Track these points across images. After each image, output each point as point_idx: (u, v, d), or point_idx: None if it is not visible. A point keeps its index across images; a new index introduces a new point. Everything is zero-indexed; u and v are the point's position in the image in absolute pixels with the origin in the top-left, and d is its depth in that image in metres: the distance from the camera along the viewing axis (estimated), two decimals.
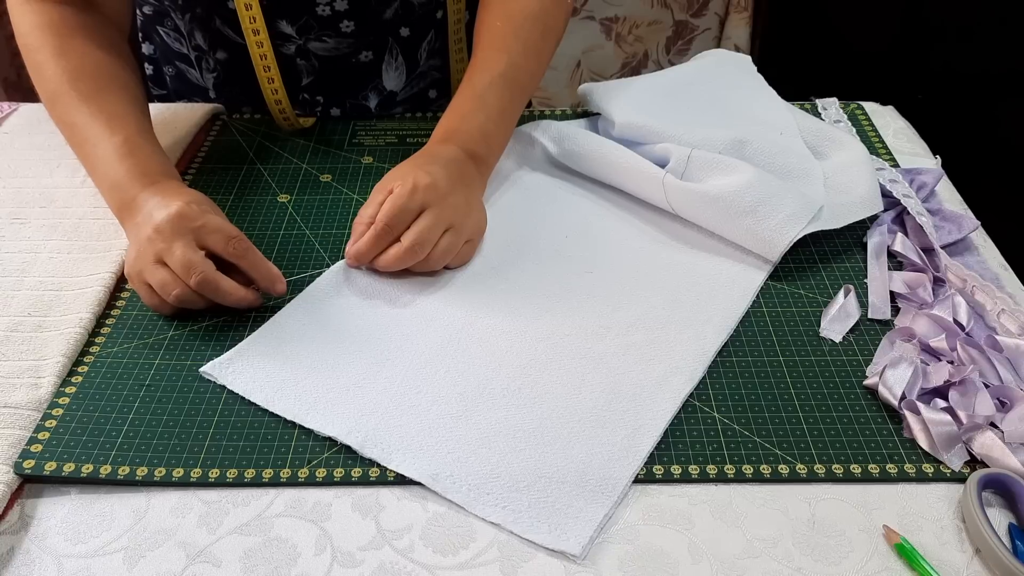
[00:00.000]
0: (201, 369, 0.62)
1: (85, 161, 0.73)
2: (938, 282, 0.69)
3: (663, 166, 0.76)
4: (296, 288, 0.70)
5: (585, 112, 0.90)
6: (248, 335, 0.65)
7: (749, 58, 0.92)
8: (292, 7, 0.84)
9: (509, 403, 0.60)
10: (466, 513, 0.54)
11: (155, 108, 0.92)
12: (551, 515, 0.53)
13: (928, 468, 0.56)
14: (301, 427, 0.59)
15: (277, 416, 0.60)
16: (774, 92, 0.87)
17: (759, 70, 0.91)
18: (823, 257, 0.73)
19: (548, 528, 0.52)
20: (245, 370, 0.62)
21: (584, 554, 0.51)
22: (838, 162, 0.78)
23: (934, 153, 0.86)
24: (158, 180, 0.70)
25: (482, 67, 0.77)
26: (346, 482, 0.56)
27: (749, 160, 0.76)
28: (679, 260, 0.72)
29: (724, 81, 0.88)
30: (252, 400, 0.60)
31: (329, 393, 0.60)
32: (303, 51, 0.88)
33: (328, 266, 0.72)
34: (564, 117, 0.90)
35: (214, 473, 0.56)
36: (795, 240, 0.69)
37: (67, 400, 0.61)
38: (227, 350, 0.64)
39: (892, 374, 0.60)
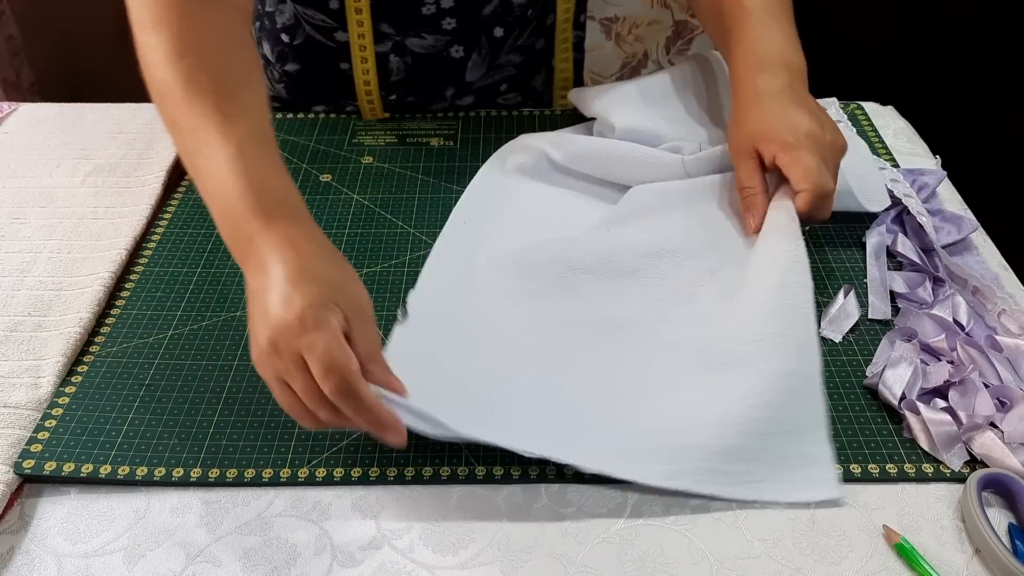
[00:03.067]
0: None
1: (195, 174, 0.60)
2: (938, 282, 0.69)
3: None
4: None
5: (578, 116, 0.90)
6: None
7: None
8: (397, 7, 0.84)
9: (672, 386, 0.60)
10: (466, 513, 0.54)
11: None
12: (784, 472, 0.54)
13: (928, 468, 0.56)
14: (301, 427, 0.59)
15: (277, 416, 0.59)
16: None
17: None
18: (823, 257, 0.73)
19: (799, 485, 0.54)
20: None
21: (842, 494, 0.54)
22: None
23: (934, 153, 0.86)
24: (280, 219, 0.56)
25: (742, 17, 0.75)
26: (346, 482, 0.56)
27: None
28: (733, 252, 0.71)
29: (721, 83, 0.88)
30: (422, 431, 0.54)
31: (519, 413, 0.58)
32: (399, 47, 0.87)
33: None
34: (558, 117, 0.90)
35: (214, 473, 0.56)
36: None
37: (67, 400, 0.61)
38: (227, 350, 0.64)
39: (892, 374, 0.60)
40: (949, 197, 0.79)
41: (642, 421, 0.58)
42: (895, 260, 0.72)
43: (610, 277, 0.69)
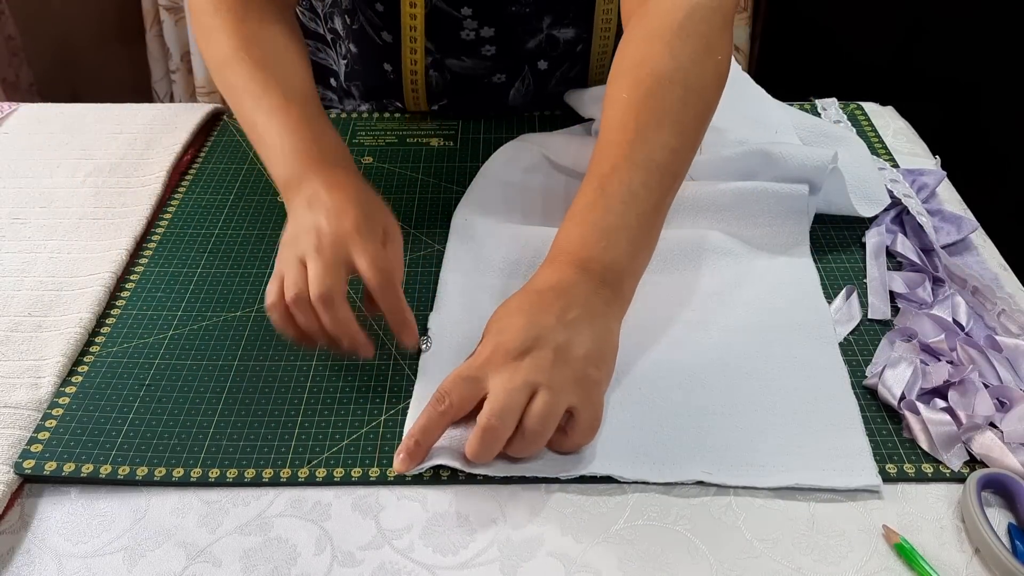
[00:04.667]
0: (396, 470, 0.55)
1: (251, 130, 0.69)
2: (937, 282, 0.69)
3: None
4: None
5: (578, 116, 0.90)
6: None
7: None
8: (437, 28, 0.83)
9: (704, 383, 0.61)
10: (466, 513, 0.54)
11: (155, 108, 0.93)
12: (826, 462, 0.56)
13: (927, 468, 0.56)
14: (301, 427, 0.59)
15: (277, 416, 0.60)
16: (763, 90, 0.87)
17: (759, 70, 0.91)
18: (823, 257, 0.73)
19: (837, 473, 0.55)
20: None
21: (879, 484, 0.54)
22: (840, 159, 0.78)
23: (933, 153, 0.86)
24: (328, 165, 0.65)
25: (603, 151, 0.63)
26: (346, 482, 0.56)
27: None
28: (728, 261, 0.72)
29: None
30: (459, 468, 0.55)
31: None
32: (439, 64, 0.87)
33: None
34: (558, 117, 0.90)
35: (214, 473, 0.56)
36: (834, 164, 0.72)
37: (67, 400, 0.61)
38: (227, 350, 0.64)
39: (892, 374, 0.60)
40: (949, 197, 0.79)
41: (669, 424, 0.59)
42: (895, 260, 0.72)
43: None
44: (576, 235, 0.61)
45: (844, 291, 0.68)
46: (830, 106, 0.91)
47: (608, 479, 0.55)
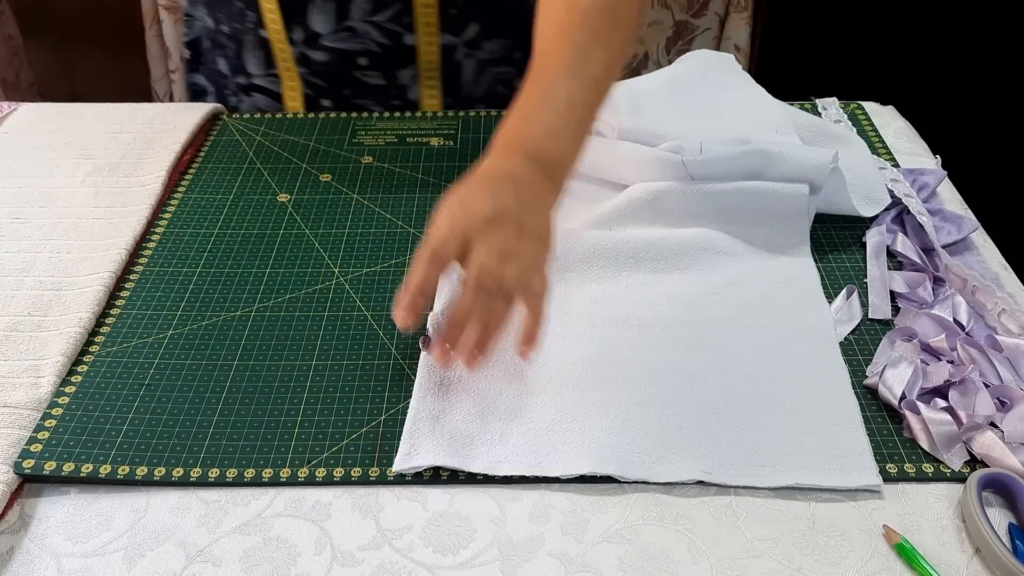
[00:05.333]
0: (395, 469, 0.56)
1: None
2: (938, 282, 0.69)
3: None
4: (297, 285, 0.70)
5: None
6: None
7: (732, 56, 0.91)
8: None
9: (704, 383, 0.61)
10: (466, 513, 0.54)
11: (155, 108, 0.93)
12: (827, 461, 0.55)
13: (928, 468, 0.56)
14: (301, 427, 0.59)
15: (277, 416, 0.60)
16: (763, 89, 0.87)
17: (759, 70, 0.91)
18: (823, 257, 0.73)
19: (838, 472, 0.55)
20: (431, 446, 0.57)
21: (880, 483, 0.54)
22: (840, 159, 0.78)
23: (934, 153, 0.86)
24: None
25: (545, 62, 0.68)
26: (346, 482, 0.56)
27: None
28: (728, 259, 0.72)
29: (714, 82, 0.88)
30: (452, 467, 0.56)
31: (554, 434, 0.58)
32: None
33: (328, 266, 0.72)
34: None
35: (214, 473, 0.56)
36: (834, 164, 0.72)
37: (67, 400, 0.61)
38: (227, 350, 0.64)
39: (892, 374, 0.60)
40: (949, 197, 0.79)
41: (670, 424, 0.58)
42: (895, 260, 0.72)
43: (617, 274, 0.70)
44: (525, 130, 0.65)
45: (844, 291, 0.68)
46: (830, 105, 0.91)
47: (608, 479, 0.55)
